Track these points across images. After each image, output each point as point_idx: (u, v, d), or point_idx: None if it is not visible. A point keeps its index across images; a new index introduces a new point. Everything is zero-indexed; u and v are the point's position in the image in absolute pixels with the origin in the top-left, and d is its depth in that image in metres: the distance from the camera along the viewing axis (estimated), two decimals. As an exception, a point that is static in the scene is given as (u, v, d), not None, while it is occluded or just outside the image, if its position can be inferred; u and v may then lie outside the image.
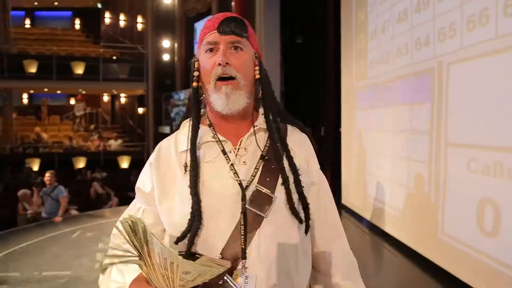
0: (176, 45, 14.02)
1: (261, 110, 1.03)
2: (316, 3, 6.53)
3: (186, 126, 1.04)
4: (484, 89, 2.64)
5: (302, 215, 0.97)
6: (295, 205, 0.95)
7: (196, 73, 1.00)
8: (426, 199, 3.36)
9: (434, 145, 3.22)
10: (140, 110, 17.01)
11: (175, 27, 13.92)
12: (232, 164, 0.97)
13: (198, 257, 0.77)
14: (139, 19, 16.56)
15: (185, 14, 13.24)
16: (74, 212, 7.50)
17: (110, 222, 6.48)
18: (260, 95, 1.03)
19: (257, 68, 1.01)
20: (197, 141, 0.98)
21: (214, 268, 0.69)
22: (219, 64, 0.94)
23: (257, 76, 1.01)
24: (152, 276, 0.71)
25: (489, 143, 2.58)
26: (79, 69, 14.44)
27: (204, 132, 1.01)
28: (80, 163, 13.47)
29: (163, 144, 1.06)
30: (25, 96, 20.68)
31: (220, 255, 0.90)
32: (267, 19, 7.41)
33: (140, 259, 0.71)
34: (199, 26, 12.78)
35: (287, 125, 1.09)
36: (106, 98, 20.86)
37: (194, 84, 1.00)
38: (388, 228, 4.18)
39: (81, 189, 9.85)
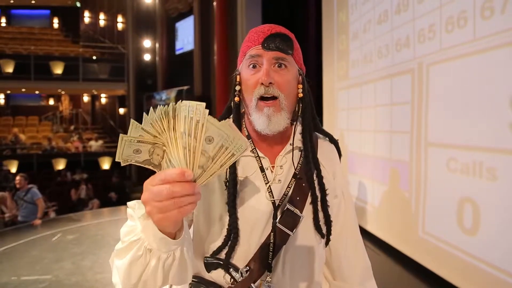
0: (157, 45, 13.91)
1: (298, 128, 1.02)
2: (298, 3, 6.56)
3: None
4: (463, 89, 2.69)
5: (324, 230, 1.01)
6: (320, 223, 1.00)
7: (238, 88, 0.99)
8: (407, 198, 3.41)
9: (415, 144, 3.27)
10: (121, 111, 16.82)
11: (156, 26, 13.82)
12: (269, 185, 0.98)
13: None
14: (120, 18, 16.38)
15: (166, 14, 13.15)
16: (52, 214, 7.36)
17: (91, 225, 6.39)
18: (299, 112, 1.01)
19: (300, 86, 0.99)
20: None
21: (236, 139, 0.67)
22: (262, 83, 0.93)
23: (300, 95, 0.99)
24: (173, 155, 0.68)
25: (468, 143, 2.64)
26: (58, 69, 14.21)
27: None
28: (60, 165, 13.24)
29: None
30: (1, 97, 20.21)
31: (247, 267, 0.95)
32: (249, 19, 7.42)
33: (162, 144, 0.69)
34: (181, 25, 12.70)
35: (317, 134, 1.10)
36: (86, 98, 20.55)
37: (236, 99, 0.99)
38: (370, 227, 4.23)
39: (61, 191, 9.69)
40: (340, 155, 1.12)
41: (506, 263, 2.37)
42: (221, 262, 0.96)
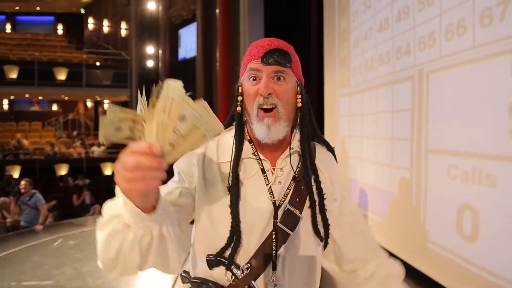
0: (160, 51, 13.98)
1: (297, 136, 1.08)
2: (300, 11, 6.60)
3: (227, 137, 1.09)
4: (462, 96, 2.70)
5: (322, 233, 1.06)
6: (318, 226, 1.05)
7: (240, 98, 1.05)
8: (408, 206, 3.40)
9: (415, 151, 3.28)
10: (124, 117, 16.83)
11: (160, 33, 13.89)
12: (270, 186, 1.03)
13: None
14: (123, 25, 16.49)
15: (170, 21, 13.22)
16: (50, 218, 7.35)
17: (92, 230, 6.38)
18: (298, 120, 1.06)
19: (299, 96, 1.05)
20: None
21: (210, 122, 0.70)
22: (261, 94, 0.98)
23: (299, 105, 1.05)
24: (147, 130, 0.71)
25: (468, 150, 2.64)
26: (62, 75, 14.30)
27: (245, 147, 1.07)
28: (62, 170, 13.27)
29: (208, 149, 1.09)
30: (5, 102, 20.34)
31: (248, 264, 0.99)
32: (251, 26, 7.46)
33: (143, 120, 0.72)
34: (184, 32, 12.78)
35: (315, 143, 1.16)
36: (89, 104, 20.64)
37: (238, 109, 1.05)
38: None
39: (63, 196, 9.70)
40: (336, 161, 1.18)
41: (506, 270, 2.36)
42: (224, 261, 0.99)
